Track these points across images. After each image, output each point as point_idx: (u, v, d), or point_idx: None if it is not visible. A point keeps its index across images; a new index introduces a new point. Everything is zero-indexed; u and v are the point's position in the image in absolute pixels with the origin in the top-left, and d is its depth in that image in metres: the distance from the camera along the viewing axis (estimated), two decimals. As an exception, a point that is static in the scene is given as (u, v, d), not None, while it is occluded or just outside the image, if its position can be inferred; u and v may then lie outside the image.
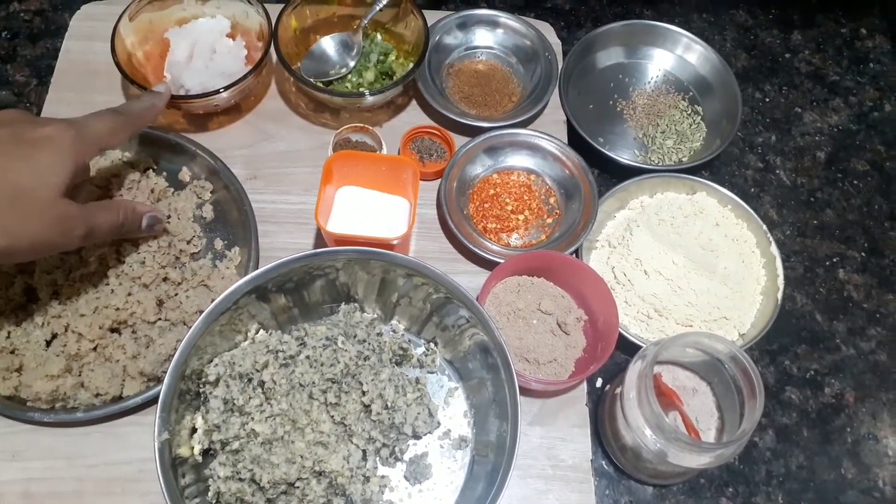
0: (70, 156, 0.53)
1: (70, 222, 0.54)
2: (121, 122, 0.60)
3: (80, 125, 0.56)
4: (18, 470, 0.62)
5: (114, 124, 0.59)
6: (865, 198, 0.86)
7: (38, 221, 0.51)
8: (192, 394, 0.59)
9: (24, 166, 0.51)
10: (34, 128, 0.53)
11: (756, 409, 0.56)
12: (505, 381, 0.59)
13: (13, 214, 0.50)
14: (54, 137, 0.53)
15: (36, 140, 0.52)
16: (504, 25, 0.88)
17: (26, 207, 0.51)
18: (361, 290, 0.66)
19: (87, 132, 0.56)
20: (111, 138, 0.59)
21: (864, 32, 1.00)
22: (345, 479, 0.58)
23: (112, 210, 0.60)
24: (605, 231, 0.78)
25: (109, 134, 0.58)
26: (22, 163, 0.51)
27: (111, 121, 0.59)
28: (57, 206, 0.52)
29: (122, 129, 0.60)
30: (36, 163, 0.51)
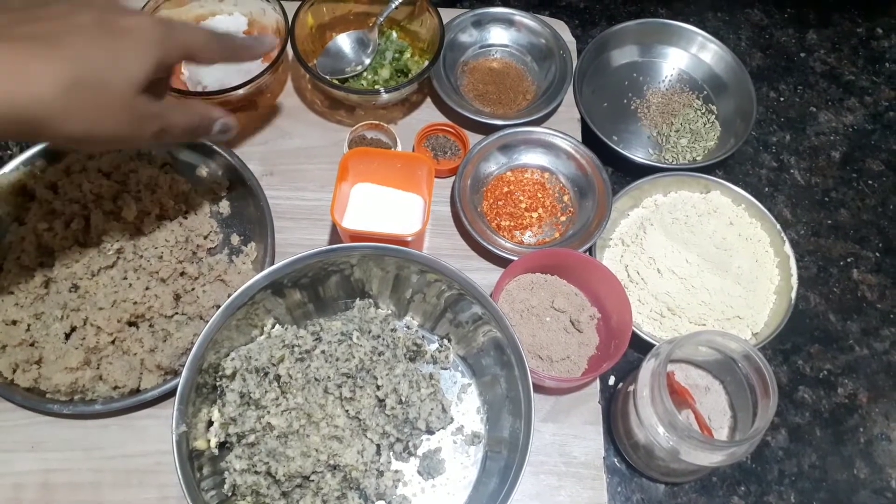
0: (153, 52, 0.51)
1: (145, 119, 0.52)
2: (214, 40, 0.58)
3: (172, 26, 0.54)
4: (38, 461, 0.63)
5: (207, 39, 0.57)
6: (880, 198, 0.86)
7: (114, 114, 0.50)
8: (208, 387, 0.60)
9: (105, 56, 0.48)
10: (122, 17, 0.50)
11: (769, 408, 0.56)
12: (518, 378, 0.59)
13: (91, 103, 0.48)
14: (141, 30, 0.50)
15: (122, 30, 0.49)
16: (519, 23, 0.88)
17: (104, 98, 0.49)
18: (376, 286, 0.67)
19: (177, 34, 0.53)
20: (200, 50, 0.56)
21: (881, 32, 0.99)
22: (359, 473, 0.58)
23: (188, 112, 0.58)
24: (619, 229, 0.78)
25: (199, 45, 0.56)
26: (104, 52, 0.48)
27: (205, 35, 0.57)
28: (134, 101, 0.50)
29: (214, 48, 0.58)
30: (118, 55, 0.49)
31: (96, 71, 0.47)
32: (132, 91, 0.50)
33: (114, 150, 0.59)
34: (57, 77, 0.45)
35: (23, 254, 0.67)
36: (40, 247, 0.67)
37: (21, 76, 0.44)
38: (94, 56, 0.47)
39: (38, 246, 0.67)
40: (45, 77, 0.45)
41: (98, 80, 0.48)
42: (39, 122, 0.46)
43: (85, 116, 0.48)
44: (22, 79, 0.44)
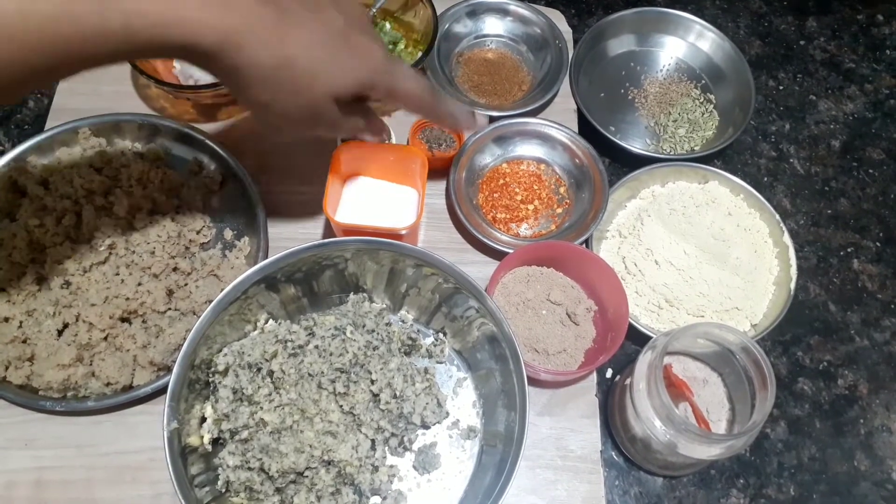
0: (364, 76, 0.53)
1: (320, 119, 0.54)
2: (426, 97, 0.58)
3: (395, 64, 0.55)
4: (31, 458, 0.63)
5: (420, 92, 0.57)
6: (881, 187, 0.85)
7: (298, 105, 0.52)
8: (201, 383, 0.59)
9: (332, 60, 0.51)
10: (360, 34, 0.53)
11: (767, 400, 0.55)
12: (513, 372, 0.59)
13: (288, 88, 0.50)
14: (367, 52, 0.53)
15: (353, 44, 0.52)
16: (514, 13, 0.87)
17: (301, 89, 0.51)
18: (370, 280, 0.66)
19: (394, 74, 0.55)
20: (406, 98, 0.57)
21: (881, 19, 0.98)
22: (353, 469, 0.58)
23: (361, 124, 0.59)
24: (616, 221, 0.77)
25: (408, 94, 0.57)
26: (332, 57, 0.51)
27: (420, 88, 0.57)
28: (321, 104, 0.53)
29: (420, 103, 0.58)
30: (338, 62, 0.51)
31: (309, 66, 0.50)
32: (326, 95, 0.52)
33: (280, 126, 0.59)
34: (280, 52, 0.48)
35: (14, 250, 0.66)
36: (32, 243, 0.67)
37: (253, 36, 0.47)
38: (318, 53, 0.50)
39: (29, 242, 0.67)
40: (271, 46, 0.47)
41: (305, 72, 0.50)
42: (241, 77, 0.48)
43: (275, 93, 0.50)
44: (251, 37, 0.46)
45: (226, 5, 0.45)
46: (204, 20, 0.44)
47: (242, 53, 0.47)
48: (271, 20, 0.47)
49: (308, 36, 0.49)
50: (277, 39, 0.48)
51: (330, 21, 0.51)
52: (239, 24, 0.46)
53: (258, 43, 0.47)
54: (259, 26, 0.47)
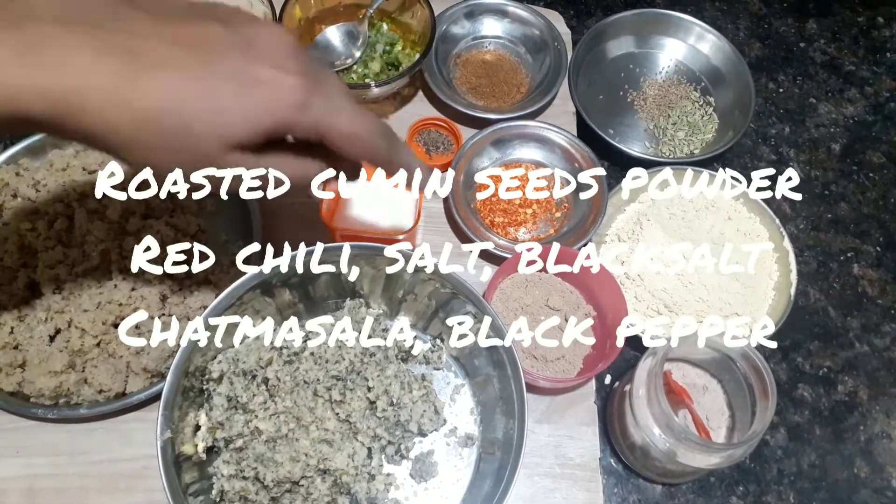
0: (272, 117, 0.42)
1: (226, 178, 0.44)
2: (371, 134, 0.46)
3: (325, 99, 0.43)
4: (22, 466, 0.62)
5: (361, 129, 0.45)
6: (881, 191, 0.84)
7: (189, 161, 0.42)
8: (195, 391, 0.58)
9: (212, 104, 0.41)
10: (267, 67, 0.42)
11: (768, 409, 0.55)
12: (511, 379, 0.58)
13: (168, 145, 0.41)
14: (275, 88, 0.41)
15: (253, 80, 0.41)
16: (512, 14, 0.87)
17: (186, 144, 0.41)
18: (367, 285, 0.65)
19: (324, 109, 0.43)
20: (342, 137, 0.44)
21: (882, 21, 0.98)
22: (350, 478, 0.57)
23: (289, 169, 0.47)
24: (615, 225, 0.77)
25: (342, 131, 0.44)
26: (214, 102, 0.41)
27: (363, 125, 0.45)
28: (220, 158, 0.43)
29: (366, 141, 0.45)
30: (226, 107, 0.41)
31: (185, 114, 0.40)
32: (220, 149, 0.42)
33: None
34: (138, 109, 0.39)
35: (5, 255, 0.65)
36: (23, 247, 0.66)
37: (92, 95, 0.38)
38: (191, 99, 0.40)
39: (20, 246, 0.66)
40: (129, 105, 0.39)
41: (185, 127, 0.41)
42: (98, 141, 0.40)
43: (147, 153, 0.41)
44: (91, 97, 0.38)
45: (55, 62, 0.37)
46: (27, 84, 0.36)
47: (86, 118, 0.38)
48: (117, 70, 0.38)
49: (180, 83, 0.40)
50: (129, 92, 0.39)
51: (218, 55, 0.41)
52: (75, 82, 0.37)
53: (104, 101, 0.38)
54: (102, 81, 0.38)
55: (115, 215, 0.67)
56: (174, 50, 0.40)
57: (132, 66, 0.38)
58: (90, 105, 0.38)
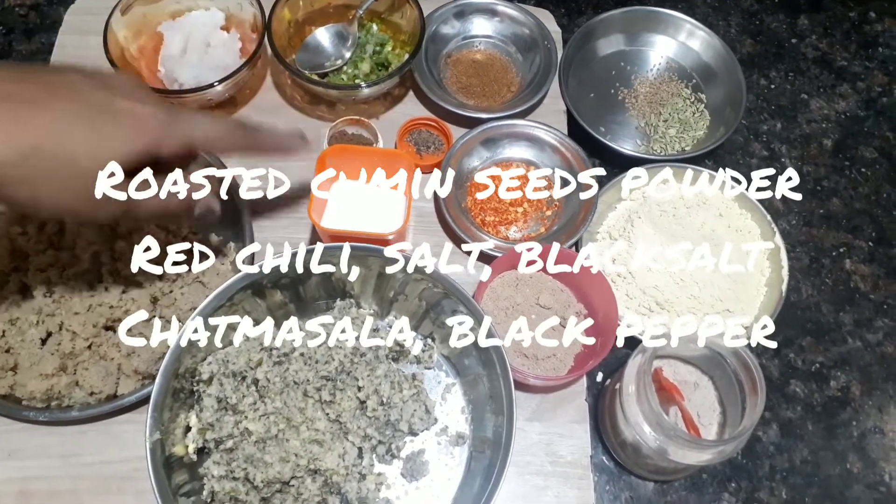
0: (142, 141, 0.49)
1: (106, 203, 0.50)
2: (228, 131, 0.56)
3: (177, 117, 0.52)
4: (15, 469, 0.62)
5: (220, 131, 0.55)
6: (873, 186, 0.84)
7: (75, 194, 0.48)
8: (186, 392, 0.59)
9: (85, 134, 0.47)
10: (126, 99, 0.49)
11: (757, 405, 0.55)
12: (500, 377, 0.58)
13: (54, 177, 0.47)
14: (137, 117, 0.49)
15: (118, 112, 0.49)
16: (502, 14, 0.87)
17: (70, 175, 0.47)
18: (358, 285, 0.66)
19: (180, 127, 0.52)
20: (209, 142, 0.55)
21: (873, 16, 0.97)
22: (340, 478, 0.57)
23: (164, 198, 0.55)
24: (606, 222, 0.77)
25: (209, 138, 0.55)
26: (86, 129, 0.47)
27: (220, 127, 0.56)
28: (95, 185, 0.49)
29: (225, 138, 0.56)
30: (100, 135, 0.48)
31: (63, 148, 0.46)
32: (98, 174, 0.48)
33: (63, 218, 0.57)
34: (20, 143, 0.44)
35: (-4, 258, 0.65)
36: (14, 251, 0.66)
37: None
38: (69, 132, 0.46)
39: (11, 250, 0.66)
40: (8, 141, 0.44)
41: (60, 157, 0.46)
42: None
43: (34, 187, 0.46)
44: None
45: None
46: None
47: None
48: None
49: (53, 119, 0.46)
50: (14, 130, 0.44)
51: (82, 95, 0.48)
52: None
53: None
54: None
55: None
56: (44, 91, 0.46)
57: (10, 110, 0.44)
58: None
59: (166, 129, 0.51)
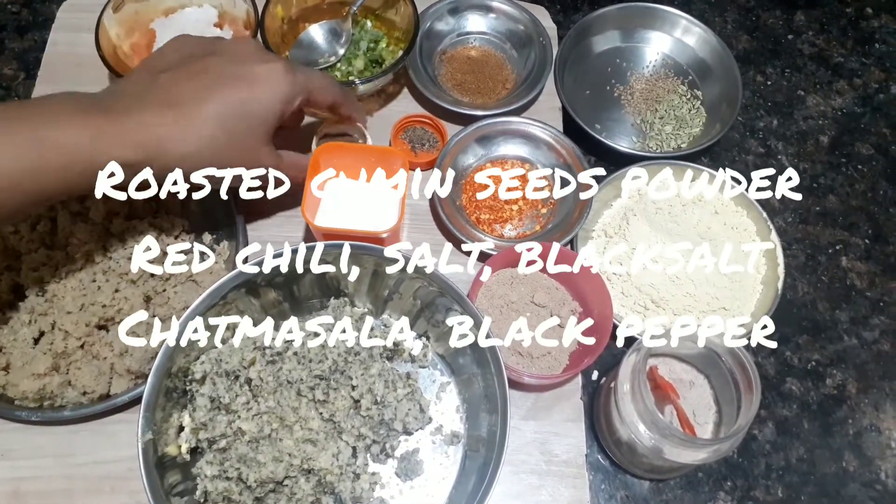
0: (283, 93, 0.58)
1: (257, 165, 0.60)
2: (333, 83, 0.64)
3: (297, 69, 0.60)
4: (7, 469, 0.62)
5: (326, 81, 0.63)
6: (870, 183, 0.84)
7: (240, 163, 0.59)
8: (179, 392, 0.58)
9: (240, 109, 0.56)
10: (257, 64, 0.57)
11: (752, 404, 0.55)
12: (494, 376, 0.58)
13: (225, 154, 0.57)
14: (273, 74, 0.57)
15: (256, 77, 0.57)
16: (497, 10, 0.86)
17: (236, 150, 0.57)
18: (352, 284, 0.65)
19: (300, 75, 0.60)
20: (319, 90, 0.62)
21: (870, 12, 0.97)
22: (334, 477, 0.57)
23: (297, 168, 0.65)
24: (602, 220, 0.76)
25: (319, 86, 0.62)
26: (239, 105, 0.56)
27: (324, 78, 0.64)
28: (259, 152, 0.59)
29: (331, 91, 0.64)
30: (250, 107, 0.57)
31: (231, 127, 0.56)
32: (258, 143, 0.59)
33: None
34: (198, 138, 0.55)
35: (-12, 258, 0.65)
36: (6, 250, 0.66)
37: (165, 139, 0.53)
38: (230, 113, 0.55)
39: (3, 249, 0.66)
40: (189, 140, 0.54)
41: (230, 135, 0.56)
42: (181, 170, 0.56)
43: (214, 164, 0.57)
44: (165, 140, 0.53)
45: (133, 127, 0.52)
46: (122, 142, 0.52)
47: (166, 156, 0.54)
48: (173, 119, 0.54)
49: (214, 105, 0.55)
50: (188, 129, 0.54)
51: (224, 72, 0.56)
52: (150, 135, 0.53)
53: (172, 141, 0.54)
54: (166, 128, 0.53)
55: (99, 217, 0.66)
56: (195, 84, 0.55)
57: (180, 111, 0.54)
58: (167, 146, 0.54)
59: (293, 82, 0.59)
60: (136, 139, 0.52)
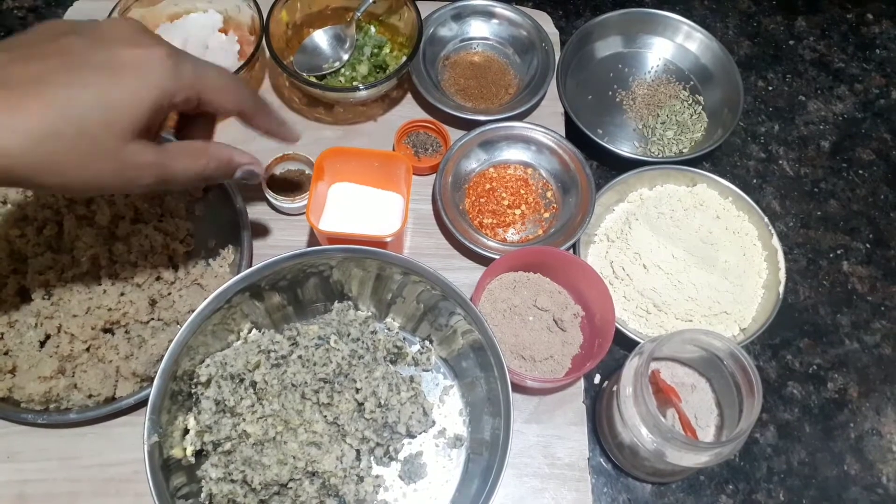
0: (154, 92, 0.45)
1: (137, 170, 0.46)
2: (237, 87, 0.52)
3: (184, 60, 0.47)
4: (13, 471, 0.62)
5: (227, 82, 0.51)
6: (871, 188, 0.84)
7: (100, 166, 0.44)
8: (184, 394, 0.59)
9: (94, 100, 0.43)
10: (128, 48, 0.45)
11: (754, 407, 0.55)
12: (498, 380, 0.58)
13: (73, 154, 0.43)
14: (143, 65, 0.45)
15: (122, 66, 0.44)
16: (500, 16, 0.87)
17: (86, 148, 0.43)
18: (356, 287, 0.66)
19: (192, 69, 0.47)
20: (216, 92, 0.50)
21: (871, 18, 0.98)
22: (338, 480, 0.57)
23: (196, 156, 0.51)
24: (604, 225, 0.77)
25: (216, 87, 0.50)
26: (94, 96, 0.43)
27: (227, 78, 0.51)
28: (124, 151, 0.45)
29: (235, 95, 0.51)
30: (110, 96, 0.44)
31: (77, 122, 0.43)
32: (121, 140, 0.44)
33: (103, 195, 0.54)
34: (30, 129, 0.41)
35: (-5, 261, 0.65)
36: (13, 253, 0.66)
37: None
38: (79, 103, 0.43)
39: (10, 253, 0.66)
40: (16, 129, 0.41)
41: (80, 129, 0.43)
42: (10, 175, 0.42)
43: (60, 168, 0.43)
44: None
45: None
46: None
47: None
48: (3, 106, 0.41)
49: (59, 95, 0.42)
50: (21, 121, 0.41)
51: (81, 58, 0.44)
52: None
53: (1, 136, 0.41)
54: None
55: (105, 220, 0.67)
56: (38, 66, 0.43)
57: (13, 98, 0.41)
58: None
59: (175, 76, 0.46)
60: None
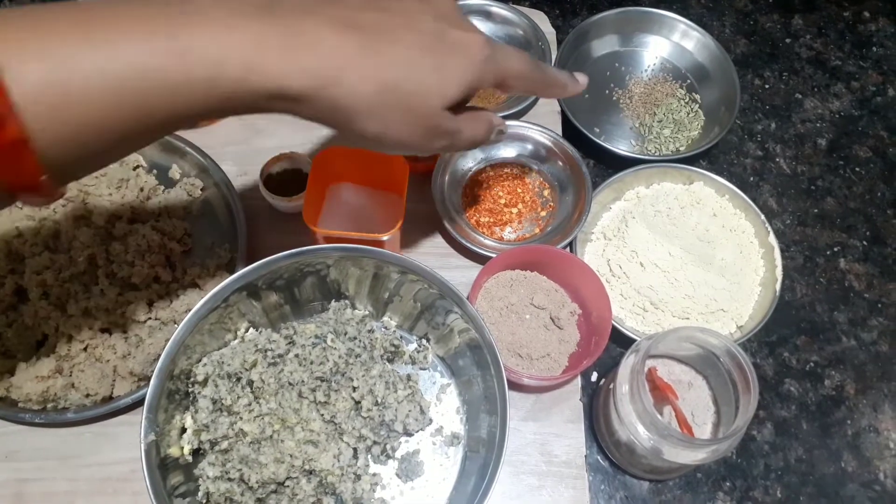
0: (474, 72, 0.47)
1: (440, 135, 0.49)
2: (532, 71, 0.53)
3: (497, 48, 0.49)
4: (11, 471, 0.62)
5: (526, 68, 0.52)
6: (867, 185, 0.84)
7: (414, 124, 0.47)
8: (181, 394, 0.59)
9: (429, 68, 0.45)
10: (456, 28, 0.47)
11: (750, 404, 0.55)
12: (494, 378, 0.58)
13: (397, 110, 0.45)
14: (470, 47, 0.47)
15: (453, 43, 0.46)
16: (496, 15, 0.87)
17: (411, 107, 0.46)
18: (353, 286, 0.66)
19: (500, 58, 0.49)
20: (515, 78, 0.51)
21: (867, 15, 0.98)
22: (335, 478, 0.57)
23: (480, 124, 0.53)
24: (601, 223, 0.77)
25: (516, 73, 0.51)
26: (429, 63, 0.45)
27: (525, 64, 0.52)
28: (437, 117, 0.47)
29: (528, 79, 0.53)
30: (442, 69, 0.45)
31: (415, 81, 0.45)
32: (440, 107, 0.47)
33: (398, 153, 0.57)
34: (378, 76, 0.43)
35: (-8, 261, 0.66)
36: (10, 253, 0.67)
37: (346, 68, 0.42)
38: (420, 64, 0.45)
39: (7, 253, 0.66)
40: (367, 73, 0.43)
41: (413, 90, 0.45)
42: (342, 114, 0.44)
43: (385, 120, 0.45)
44: (344, 70, 0.42)
45: (307, 42, 0.41)
46: (289, 61, 0.40)
47: (339, 89, 0.42)
48: (358, 46, 0.42)
49: (405, 51, 0.44)
50: (373, 64, 0.43)
51: (421, 24, 0.46)
52: (327, 59, 0.41)
53: (353, 73, 0.42)
54: (349, 56, 0.42)
55: (102, 220, 0.67)
56: (388, 20, 0.44)
57: (367, 41, 0.43)
58: (345, 78, 0.42)
59: (488, 64, 0.48)
60: (307, 61, 0.41)
